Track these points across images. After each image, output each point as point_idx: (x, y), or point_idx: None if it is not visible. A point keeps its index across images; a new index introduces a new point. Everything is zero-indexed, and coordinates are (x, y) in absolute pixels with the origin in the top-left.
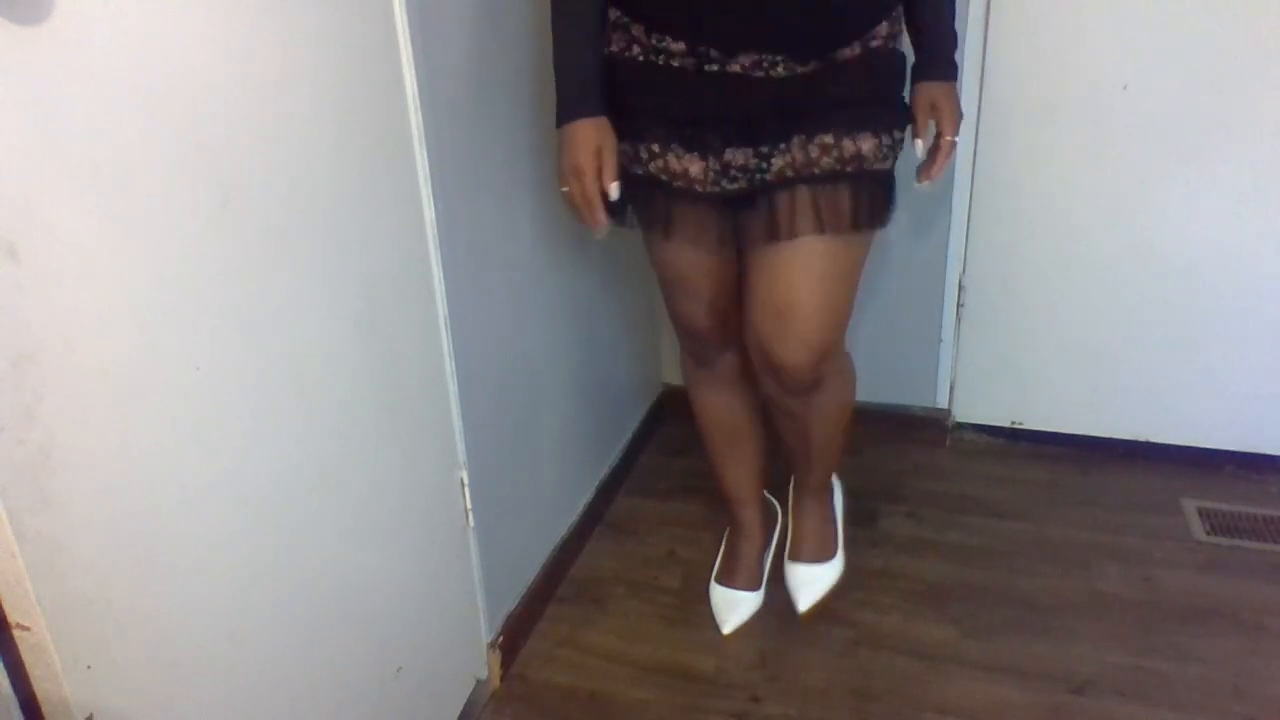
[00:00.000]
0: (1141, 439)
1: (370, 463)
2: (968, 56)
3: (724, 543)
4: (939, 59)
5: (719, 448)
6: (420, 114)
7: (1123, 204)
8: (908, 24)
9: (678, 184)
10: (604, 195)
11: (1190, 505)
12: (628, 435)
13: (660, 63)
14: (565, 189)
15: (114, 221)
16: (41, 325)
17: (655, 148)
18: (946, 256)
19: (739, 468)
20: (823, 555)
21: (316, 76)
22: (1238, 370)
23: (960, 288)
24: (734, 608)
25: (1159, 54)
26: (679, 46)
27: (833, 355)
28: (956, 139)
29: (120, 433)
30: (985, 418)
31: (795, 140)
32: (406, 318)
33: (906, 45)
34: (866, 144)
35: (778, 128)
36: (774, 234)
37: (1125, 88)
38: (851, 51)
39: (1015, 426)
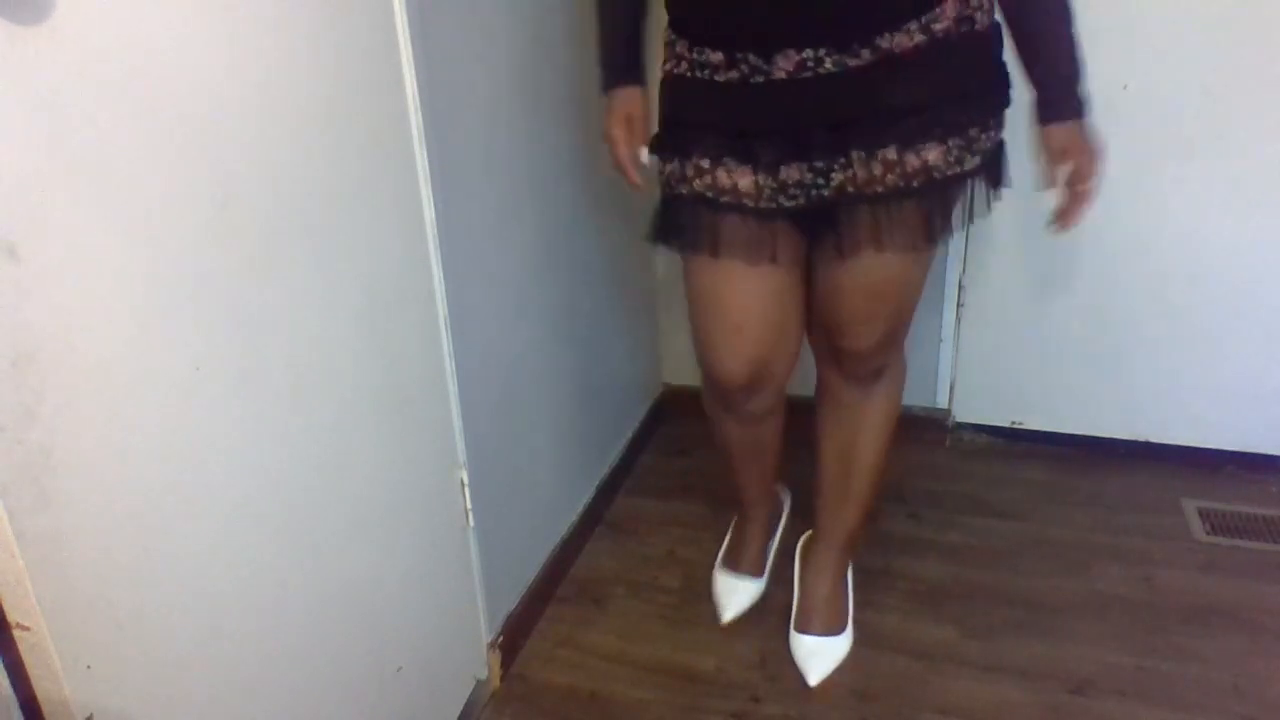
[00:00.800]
0: (1141, 439)
1: (370, 463)
2: None
3: (730, 531)
4: (1060, 94)
5: (738, 465)
6: (420, 114)
7: (1122, 204)
8: (1018, 53)
9: (724, 199)
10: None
11: (1190, 505)
12: (628, 435)
13: (706, 78)
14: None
15: (114, 221)
16: (41, 325)
17: (704, 163)
18: (947, 256)
19: (753, 476)
20: (834, 627)
21: (317, 76)
22: (1238, 370)
23: (960, 288)
24: (734, 593)
25: (1159, 54)
26: (718, 57)
27: (899, 345)
28: (1095, 184)
29: (120, 432)
30: (985, 418)
31: (855, 156)
32: (406, 318)
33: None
34: (933, 154)
35: (830, 141)
36: (838, 252)
37: (1125, 88)
38: (909, 39)
39: (1015, 426)
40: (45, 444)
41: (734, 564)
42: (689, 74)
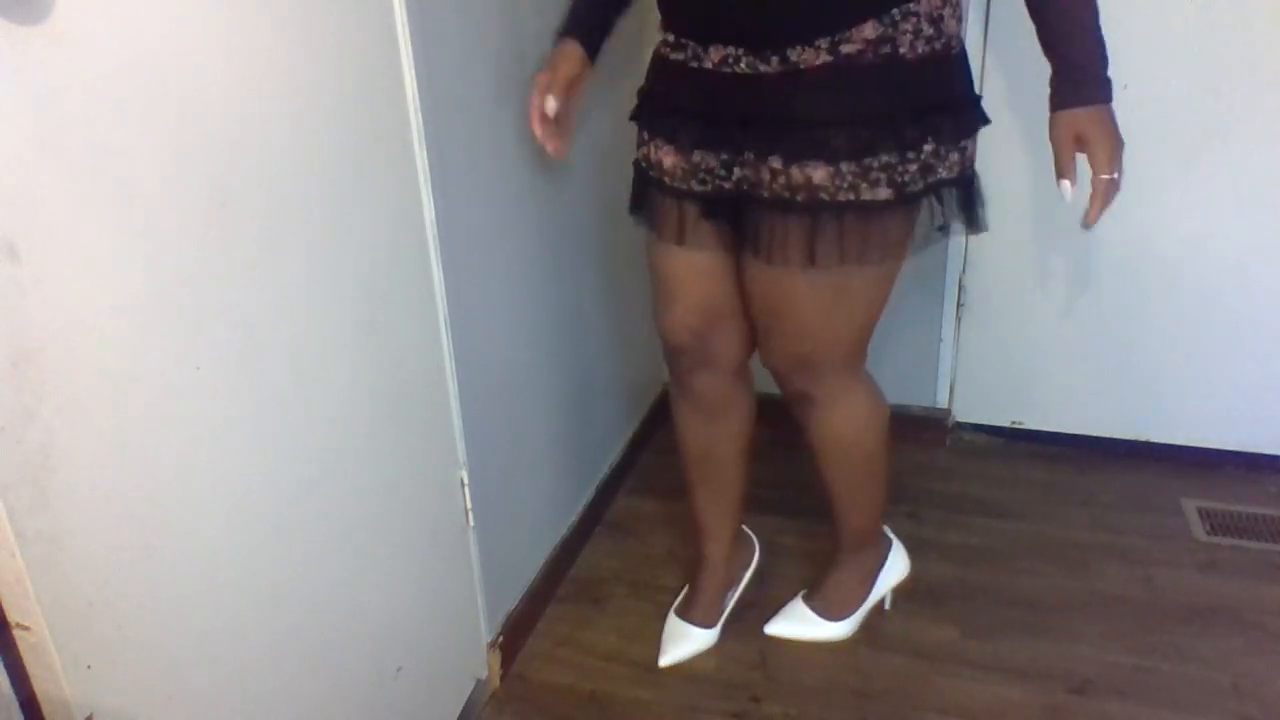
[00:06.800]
0: (1141, 439)
1: (370, 463)
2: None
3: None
4: (1078, 78)
5: (691, 476)
6: (420, 114)
7: (1123, 204)
8: (1038, 35)
9: (653, 174)
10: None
11: (1190, 505)
12: (628, 435)
13: (667, 56)
14: None
15: (114, 221)
16: (41, 325)
17: (645, 134)
18: (946, 256)
19: (708, 500)
20: (829, 613)
21: (316, 76)
22: (1238, 370)
23: (960, 288)
24: (679, 641)
25: (1159, 54)
26: (672, 38)
27: (824, 377)
28: (1117, 176)
29: (120, 433)
30: (985, 418)
31: (748, 156)
32: (406, 318)
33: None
34: (819, 174)
35: (736, 137)
36: (748, 247)
37: (1125, 87)
38: (815, 57)
39: (1015, 426)
40: (45, 444)
41: (686, 610)
42: (660, 50)
